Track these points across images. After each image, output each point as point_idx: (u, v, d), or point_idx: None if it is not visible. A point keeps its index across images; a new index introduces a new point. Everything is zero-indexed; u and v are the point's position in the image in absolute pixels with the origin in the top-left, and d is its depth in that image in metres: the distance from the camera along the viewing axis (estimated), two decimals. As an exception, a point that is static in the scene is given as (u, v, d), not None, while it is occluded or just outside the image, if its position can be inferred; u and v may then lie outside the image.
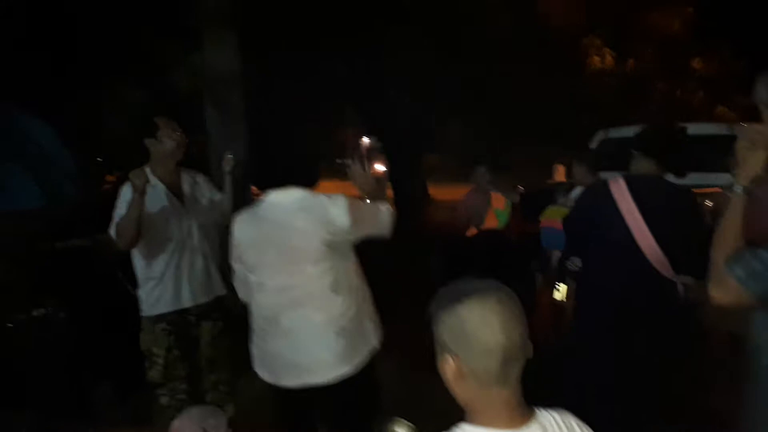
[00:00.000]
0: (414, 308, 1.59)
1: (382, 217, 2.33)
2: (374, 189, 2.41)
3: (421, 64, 10.74)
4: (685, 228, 2.56)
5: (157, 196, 2.89)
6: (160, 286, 2.95)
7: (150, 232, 2.85)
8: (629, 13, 13.57)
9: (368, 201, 2.37)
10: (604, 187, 2.71)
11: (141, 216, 2.73)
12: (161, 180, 2.95)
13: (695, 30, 13.78)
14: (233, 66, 6.12)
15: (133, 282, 4.08)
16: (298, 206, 2.16)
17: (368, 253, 2.46)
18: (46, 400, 3.78)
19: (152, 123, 2.95)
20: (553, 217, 4.54)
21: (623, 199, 2.60)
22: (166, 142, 2.92)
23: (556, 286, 4.62)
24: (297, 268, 2.14)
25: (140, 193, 2.67)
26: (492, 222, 4.97)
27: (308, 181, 2.25)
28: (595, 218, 2.73)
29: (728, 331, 3.26)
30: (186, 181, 3.05)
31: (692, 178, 3.97)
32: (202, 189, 3.13)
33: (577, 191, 4.52)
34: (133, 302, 4.59)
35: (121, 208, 2.81)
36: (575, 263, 4.29)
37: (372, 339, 2.30)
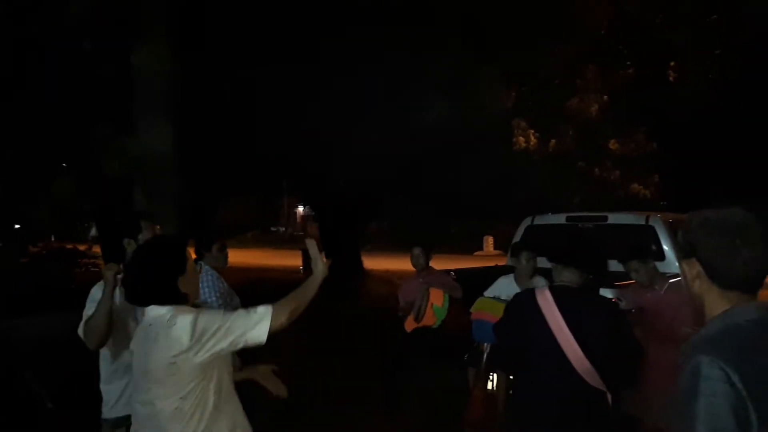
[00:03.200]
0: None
1: (245, 326, 2.08)
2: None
3: (359, 140, 10.96)
4: (612, 339, 2.66)
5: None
6: (119, 386, 2.79)
7: (118, 329, 2.73)
8: (554, 98, 14.54)
9: (235, 311, 2.20)
10: (531, 299, 2.79)
11: (111, 312, 2.62)
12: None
13: (612, 114, 14.85)
14: (166, 148, 6.06)
15: (43, 381, 3.80)
16: (152, 325, 2.11)
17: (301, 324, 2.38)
18: None
19: (135, 224, 2.88)
20: (483, 310, 4.59)
21: (550, 312, 2.69)
22: None
23: (490, 377, 4.66)
24: (146, 386, 2.11)
25: (112, 286, 2.57)
26: (430, 319, 4.95)
27: (168, 301, 2.14)
28: (524, 329, 2.80)
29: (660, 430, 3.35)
30: None
31: (613, 266, 4.21)
32: None
33: (503, 281, 4.66)
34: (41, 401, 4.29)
35: (89, 308, 2.70)
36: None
37: None
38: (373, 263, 17.26)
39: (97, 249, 11.24)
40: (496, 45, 11.65)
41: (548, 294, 2.77)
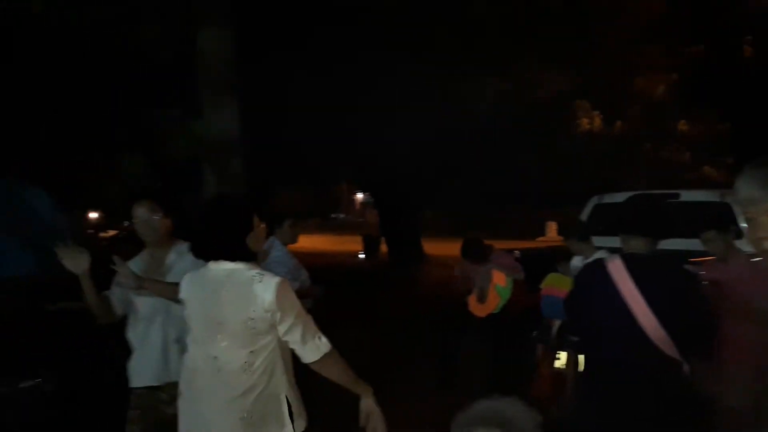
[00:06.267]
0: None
1: (308, 337, 2.13)
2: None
3: (418, 123, 10.95)
4: (688, 308, 2.56)
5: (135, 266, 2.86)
6: (136, 358, 2.87)
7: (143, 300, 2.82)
8: (617, 78, 14.02)
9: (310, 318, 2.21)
10: (602, 268, 2.70)
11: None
12: (151, 255, 2.94)
13: (681, 94, 14.22)
14: (232, 131, 6.21)
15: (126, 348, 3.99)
16: (228, 278, 2.14)
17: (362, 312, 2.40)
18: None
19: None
20: (553, 285, 4.52)
21: (623, 281, 2.60)
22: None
23: (557, 356, 4.57)
24: (215, 338, 2.12)
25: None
26: (493, 300, 4.92)
27: (238, 257, 2.18)
28: (595, 300, 2.72)
29: (733, 408, 3.21)
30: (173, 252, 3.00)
31: (685, 244, 4.03)
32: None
33: (577, 261, 4.53)
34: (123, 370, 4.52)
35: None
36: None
37: (285, 427, 2.17)
38: (432, 248, 17.24)
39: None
40: (554, 22, 11.33)
41: (619, 262, 2.68)
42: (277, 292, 2.06)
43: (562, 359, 4.54)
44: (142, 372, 2.80)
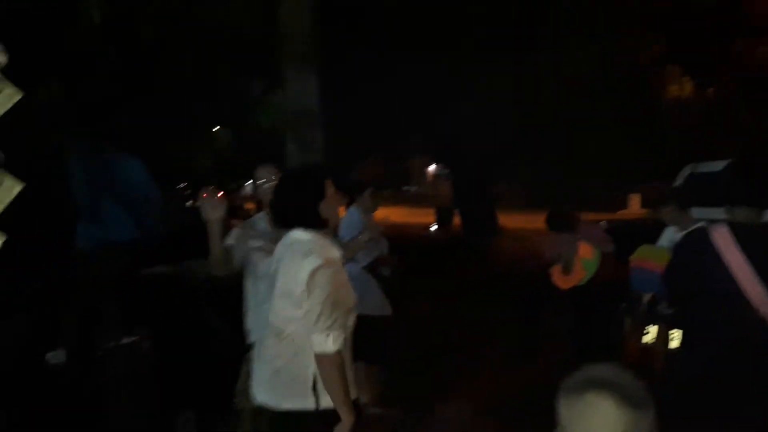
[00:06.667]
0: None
1: (320, 330, 2.13)
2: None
3: (495, 93, 10.71)
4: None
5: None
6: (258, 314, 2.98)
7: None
8: (710, 41, 13.05)
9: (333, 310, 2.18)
10: (705, 237, 2.58)
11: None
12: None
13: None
14: (312, 102, 6.30)
15: (219, 310, 4.18)
16: (290, 247, 2.25)
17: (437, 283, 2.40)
18: (131, 428, 3.89)
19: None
20: (645, 257, 4.32)
21: (729, 250, 2.48)
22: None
23: (646, 330, 4.41)
24: (284, 304, 2.22)
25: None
26: (578, 273, 4.76)
27: (309, 225, 2.27)
28: (698, 269, 2.61)
29: None
30: None
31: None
32: None
33: (670, 231, 4.32)
34: (215, 330, 4.76)
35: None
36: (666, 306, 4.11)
37: (307, 399, 2.18)
38: (507, 221, 16.96)
39: (250, 205, 12.05)
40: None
41: (725, 231, 2.55)
42: (311, 273, 2.12)
43: (651, 333, 4.38)
44: (260, 328, 2.93)
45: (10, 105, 1.54)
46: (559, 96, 11.55)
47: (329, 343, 2.12)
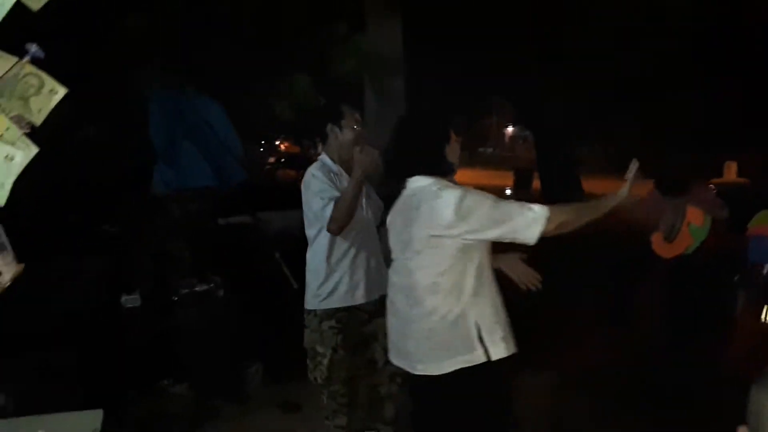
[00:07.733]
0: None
1: (516, 221, 1.97)
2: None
3: (582, 52, 10.01)
4: None
5: (341, 184, 2.71)
6: (334, 278, 2.75)
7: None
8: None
9: (508, 201, 2.05)
10: None
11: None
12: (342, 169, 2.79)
13: None
14: (394, 51, 6.01)
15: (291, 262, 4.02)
16: (416, 196, 2.10)
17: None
18: (202, 376, 3.87)
19: (337, 110, 2.80)
20: (765, 224, 3.79)
21: None
22: (347, 132, 2.77)
23: (765, 306, 3.91)
24: (405, 256, 2.12)
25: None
26: (685, 241, 4.20)
27: (434, 170, 2.12)
28: None
29: None
30: None
31: None
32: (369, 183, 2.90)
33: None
34: (288, 283, 4.68)
35: (324, 191, 2.65)
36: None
37: (474, 351, 2.03)
38: (590, 186, 16.18)
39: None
40: None
41: None
42: (456, 205, 1.96)
43: (771, 311, 3.88)
44: (345, 293, 2.77)
45: (52, 104, 1.28)
46: (649, 56, 10.63)
47: (537, 213, 1.96)
